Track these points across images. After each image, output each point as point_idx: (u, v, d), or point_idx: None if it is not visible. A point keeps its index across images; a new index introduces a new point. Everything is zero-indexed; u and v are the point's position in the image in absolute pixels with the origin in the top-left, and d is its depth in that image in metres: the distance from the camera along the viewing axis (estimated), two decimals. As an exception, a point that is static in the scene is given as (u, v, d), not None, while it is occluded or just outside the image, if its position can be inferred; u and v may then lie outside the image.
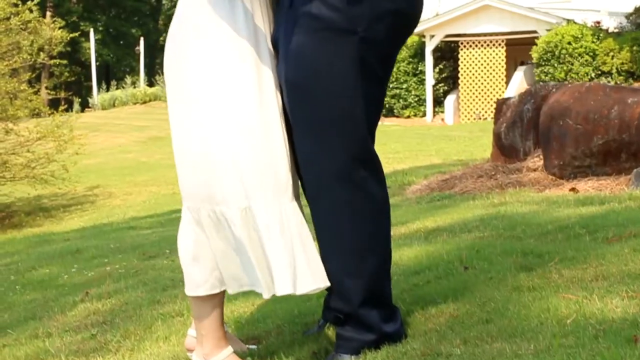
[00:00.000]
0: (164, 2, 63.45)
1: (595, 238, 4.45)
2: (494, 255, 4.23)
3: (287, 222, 2.95)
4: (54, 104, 26.07)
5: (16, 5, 17.43)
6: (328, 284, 3.00)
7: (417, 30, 3.55)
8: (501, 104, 8.76)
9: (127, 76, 46.05)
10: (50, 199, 19.48)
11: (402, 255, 4.63)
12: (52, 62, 18.51)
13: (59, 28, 19.04)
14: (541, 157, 7.65)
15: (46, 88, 25.81)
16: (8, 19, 17.24)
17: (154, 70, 55.02)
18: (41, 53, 17.89)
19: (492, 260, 4.12)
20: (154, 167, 21.68)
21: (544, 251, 4.18)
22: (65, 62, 20.50)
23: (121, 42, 59.24)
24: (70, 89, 41.14)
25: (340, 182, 2.90)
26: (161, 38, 63.05)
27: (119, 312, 4.60)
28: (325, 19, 2.85)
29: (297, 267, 2.94)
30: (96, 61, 45.47)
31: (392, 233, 3.19)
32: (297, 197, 3.04)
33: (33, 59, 17.71)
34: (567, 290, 3.35)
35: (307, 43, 2.87)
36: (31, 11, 17.86)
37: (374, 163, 2.97)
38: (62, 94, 22.37)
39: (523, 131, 8.10)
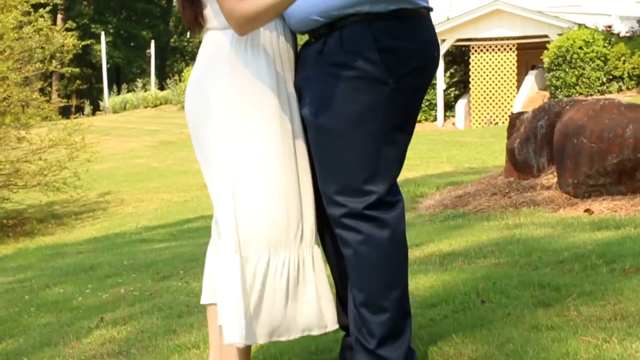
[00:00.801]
0: (174, 4, 63.50)
1: (613, 269, 4.43)
2: (511, 287, 4.22)
3: (279, 271, 3.05)
4: (65, 110, 26.12)
5: (29, 13, 17.47)
6: (323, 330, 3.17)
7: None
8: (514, 119, 8.73)
9: (138, 79, 46.12)
10: (62, 205, 19.51)
11: (417, 284, 4.63)
12: (64, 70, 18.51)
13: (70, 30, 19.06)
14: (555, 174, 7.62)
15: (58, 96, 25.81)
16: (21, 27, 17.27)
17: (165, 72, 55.15)
18: (53, 61, 17.91)
19: (509, 294, 4.12)
20: (165, 173, 21.70)
21: (561, 284, 4.17)
22: (77, 70, 20.46)
23: (132, 44, 59.35)
24: (81, 92, 41.16)
25: (363, 221, 3.00)
26: (172, 40, 63.16)
27: (135, 341, 4.60)
28: (359, 68, 2.96)
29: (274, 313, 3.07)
30: (107, 63, 45.58)
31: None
32: (310, 240, 3.13)
33: (45, 67, 17.71)
34: (585, 331, 3.34)
35: (339, 90, 2.97)
36: (44, 19, 17.89)
37: (397, 203, 3.06)
38: (74, 102, 22.33)
39: (537, 147, 8.07)
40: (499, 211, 7.16)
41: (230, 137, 3.02)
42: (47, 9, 17.85)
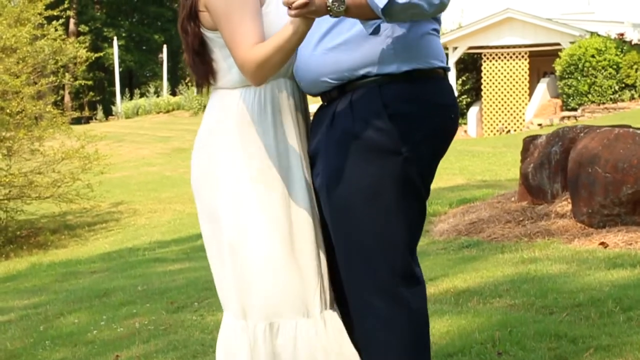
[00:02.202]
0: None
1: (630, 318, 4.42)
2: (527, 338, 4.21)
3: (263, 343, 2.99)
4: (78, 118, 26.15)
5: (42, 25, 17.55)
6: None
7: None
8: (528, 143, 8.71)
9: (150, 84, 46.18)
10: (75, 215, 19.55)
11: (433, 329, 4.61)
12: (77, 82, 18.60)
13: (83, 34, 19.19)
14: (569, 201, 7.60)
15: (72, 107, 25.86)
16: (36, 38, 17.35)
17: (177, 76, 55.21)
18: (66, 74, 17.98)
19: (526, 346, 4.11)
20: (178, 182, 21.68)
21: (577, 335, 4.16)
22: (90, 82, 20.52)
23: (144, 48, 59.44)
24: (93, 92, 41.14)
25: (382, 299, 2.88)
26: (184, 43, 63.15)
27: (151, 385, 4.61)
28: (370, 139, 2.85)
29: None
30: (119, 67, 45.65)
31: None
32: (325, 305, 3.06)
33: (58, 80, 17.78)
34: (603, 394, 3.33)
35: (350, 162, 2.87)
36: (56, 30, 17.97)
37: (416, 279, 2.94)
38: (87, 113, 22.42)
39: (551, 173, 8.05)
40: (513, 241, 7.14)
41: (237, 200, 2.97)
42: (60, 21, 17.92)
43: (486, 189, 12.06)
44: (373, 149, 2.86)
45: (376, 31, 2.79)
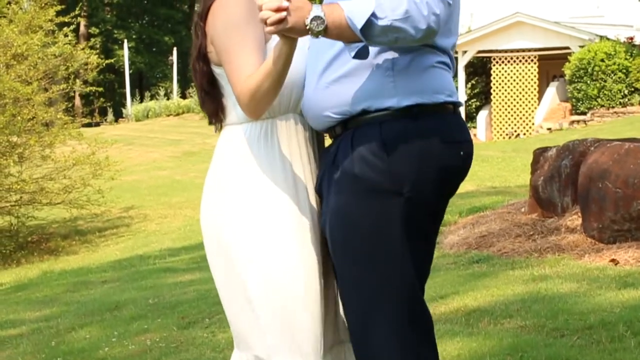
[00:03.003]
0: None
1: (640, 343, 4.44)
2: (538, 364, 4.23)
3: None
4: (88, 123, 26.20)
5: (52, 32, 17.63)
6: None
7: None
8: (538, 155, 8.73)
9: (160, 86, 46.30)
10: (86, 220, 19.62)
11: (444, 351, 4.63)
12: (88, 89, 18.69)
13: (93, 36, 19.31)
14: (579, 215, 7.61)
15: (82, 114, 25.91)
16: (47, 45, 17.42)
17: (187, 78, 55.32)
18: (77, 80, 18.05)
19: (537, 372, 4.13)
20: (188, 186, 21.74)
21: (588, 362, 4.18)
22: (101, 89, 20.59)
23: (154, 50, 59.57)
24: (104, 98, 41.28)
25: (390, 346, 2.77)
26: (193, 45, 63.23)
27: (163, 408, 4.64)
28: (369, 180, 2.74)
29: None
30: (129, 69, 45.77)
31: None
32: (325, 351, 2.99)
33: (69, 87, 17.85)
34: None
35: (351, 204, 2.77)
36: (66, 35, 18.04)
37: (425, 323, 2.84)
38: (97, 118, 22.52)
39: (561, 187, 8.07)
40: (523, 256, 7.16)
41: (247, 233, 2.92)
42: (71, 27, 17.98)
43: (496, 196, 12.08)
44: (373, 190, 2.74)
45: (362, 55, 2.66)
